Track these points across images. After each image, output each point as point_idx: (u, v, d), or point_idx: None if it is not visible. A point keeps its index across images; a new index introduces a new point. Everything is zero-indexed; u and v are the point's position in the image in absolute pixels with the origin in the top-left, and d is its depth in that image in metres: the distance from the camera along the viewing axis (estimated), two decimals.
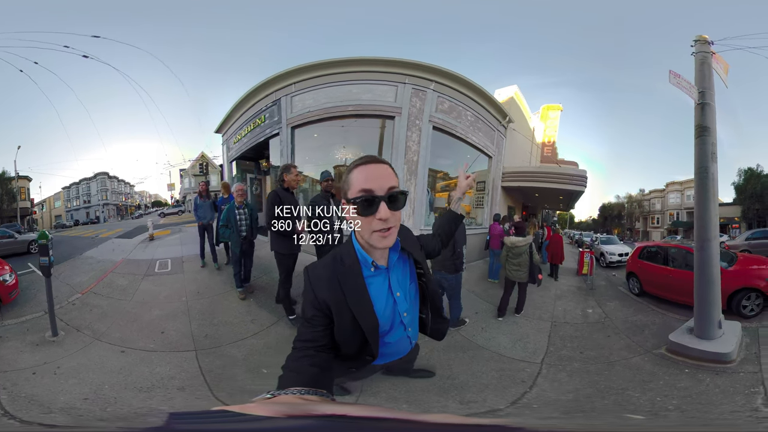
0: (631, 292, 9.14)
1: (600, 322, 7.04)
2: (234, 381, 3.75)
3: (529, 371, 4.90)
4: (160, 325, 5.03)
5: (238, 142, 13.35)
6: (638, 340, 5.96)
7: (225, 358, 4.16)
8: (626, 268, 9.94)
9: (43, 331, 4.79)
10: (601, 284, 10.28)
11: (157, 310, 5.52)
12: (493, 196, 13.31)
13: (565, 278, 10.82)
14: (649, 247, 10.09)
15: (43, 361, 3.97)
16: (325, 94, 9.83)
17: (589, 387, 4.46)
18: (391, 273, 1.51)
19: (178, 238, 11.52)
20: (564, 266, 11.68)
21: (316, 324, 1.39)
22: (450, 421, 0.76)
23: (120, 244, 11.25)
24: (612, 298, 8.91)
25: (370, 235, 1.34)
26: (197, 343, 4.46)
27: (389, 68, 9.27)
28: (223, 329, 4.92)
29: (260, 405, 0.86)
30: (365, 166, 1.36)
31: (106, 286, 6.68)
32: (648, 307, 7.88)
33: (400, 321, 1.54)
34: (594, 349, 5.70)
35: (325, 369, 1.30)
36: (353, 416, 0.81)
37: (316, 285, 1.42)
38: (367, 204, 1.29)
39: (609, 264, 14.46)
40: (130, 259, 8.89)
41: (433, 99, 9.54)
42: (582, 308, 7.80)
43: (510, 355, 5.46)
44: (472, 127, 10.82)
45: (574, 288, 9.58)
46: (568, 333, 6.37)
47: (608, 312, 7.70)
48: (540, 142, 22.12)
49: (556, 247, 11.52)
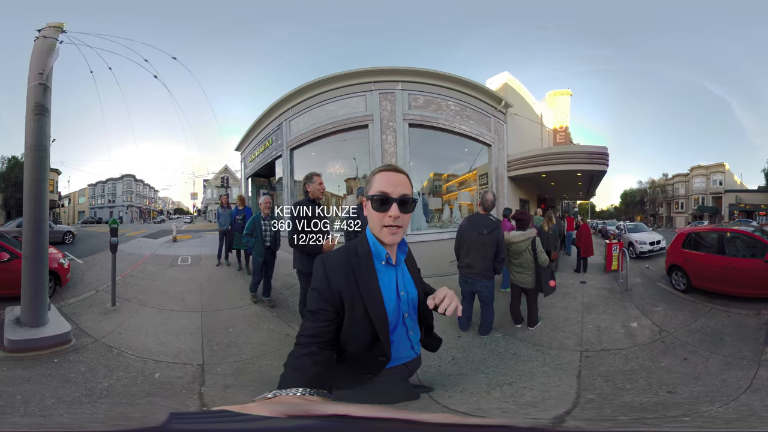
0: (676, 289, 7.47)
1: (658, 340, 5.02)
2: (215, 332, 4.96)
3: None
4: (182, 296, 6.56)
5: (253, 161, 14.84)
6: (729, 353, 4.40)
7: (216, 315, 5.62)
8: (666, 260, 8.34)
9: (104, 304, 5.80)
10: (635, 282, 8.19)
11: (180, 288, 7.10)
12: (499, 188, 11.59)
13: (591, 277, 8.78)
14: (696, 233, 8.08)
15: (118, 323, 5.03)
16: (312, 115, 10.56)
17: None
18: (398, 270, 1.53)
19: (198, 242, 13.40)
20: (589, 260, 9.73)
21: (321, 319, 1.36)
22: (450, 421, 0.78)
23: (146, 243, 12.88)
24: (656, 299, 6.97)
25: (381, 229, 1.41)
26: (204, 307, 5.99)
27: (355, 80, 9.50)
28: (220, 300, 6.35)
29: (261, 405, 0.86)
30: (387, 172, 1.46)
31: (139, 272, 8.11)
32: (704, 305, 6.37)
33: (402, 321, 1.53)
34: (678, 385, 3.75)
35: (327, 368, 1.27)
36: (354, 416, 0.78)
37: (331, 273, 1.42)
38: (382, 202, 1.39)
39: (639, 254, 12.38)
40: (156, 254, 10.39)
41: (404, 98, 9.33)
42: (622, 322, 5.74)
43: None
44: (458, 117, 10.16)
45: (604, 291, 7.52)
46: (615, 366, 4.28)
47: (660, 321, 5.73)
48: (551, 128, 20.14)
49: (586, 239, 9.65)
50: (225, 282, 7.51)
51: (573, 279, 8.60)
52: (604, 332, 5.30)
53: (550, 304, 6.45)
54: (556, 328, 5.47)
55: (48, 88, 4.71)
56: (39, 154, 4.53)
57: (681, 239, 8.10)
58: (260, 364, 4.03)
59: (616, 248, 9.33)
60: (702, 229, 8.50)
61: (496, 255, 4.81)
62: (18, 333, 4.27)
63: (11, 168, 33.55)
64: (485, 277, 4.83)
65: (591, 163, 10.97)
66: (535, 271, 5.05)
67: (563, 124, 22.25)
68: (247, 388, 3.58)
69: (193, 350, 4.37)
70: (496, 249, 4.79)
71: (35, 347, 4.17)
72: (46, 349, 4.19)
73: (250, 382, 3.65)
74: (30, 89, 4.62)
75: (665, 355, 4.54)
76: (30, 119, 4.51)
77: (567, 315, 6.05)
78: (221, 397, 3.34)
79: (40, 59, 4.69)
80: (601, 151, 11.04)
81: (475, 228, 4.88)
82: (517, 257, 5.19)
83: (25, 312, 4.42)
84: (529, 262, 5.07)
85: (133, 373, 3.73)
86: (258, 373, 3.82)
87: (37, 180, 4.50)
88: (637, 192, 61.62)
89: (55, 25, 4.86)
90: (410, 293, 1.56)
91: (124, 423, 1.19)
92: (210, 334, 4.82)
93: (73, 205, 44.70)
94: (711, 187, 49.84)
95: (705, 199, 50.02)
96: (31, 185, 4.48)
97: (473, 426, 0.80)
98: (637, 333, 5.30)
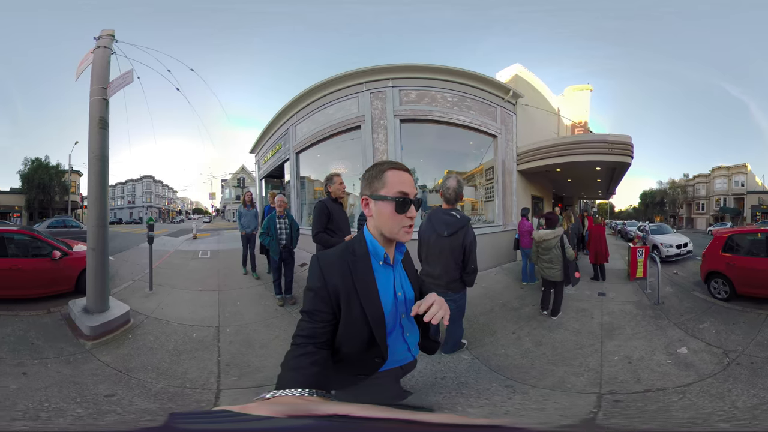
0: (716, 297, 6.34)
1: (731, 364, 3.67)
2: (226, 304, 5.98)
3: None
4: (202, 281, 7.52)
5: (266, 163, 15.49)
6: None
7: (228, 293, 6.60)
8: (703, 266, 6.99)
9: (143, 289, 6.53)
10: (666, 292, 6.68)
11: (201, 275, 8.11)
12: (506, 182, 10.20)
13: (613, 287, 7.26)
14: (738, 235, 6.66)
15: (158, 302, 5.88)
16: (313, 120, 10.78)
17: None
18: (395, 271, 1.46)
19: (216, 239, 15.11)
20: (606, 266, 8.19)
21: (316, 320, 1.29)
22: (450, 421, 0.73)
23: (169, 240, 14.30)
24: (697, 313, 5.58)
25: (399, 230, 1.35)
26: (219, 288, 6.97)
27: (348, 82, 9.40)
28: (231, 283, 7.35)
29: (260, 405, 0.84)
30: (400, 171, 1.38)
31: (166, 263, 9.17)
32: (756, 313, 5.41)
33: (399, 322, 1.44)
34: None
35: (325, 368, 1.22)
36: (354, 416, 0.74)
37: (328, 271, 1.35)
38: (404, 204, 1.33)
39: (665, 259, 10.81)
40: (179, 250, 11.85)
41: (395, 95, 8.95)
42: (665, 347, 4.25)
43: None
44: (456, 108, 9.34)
45: (630, 306, 5.98)
46: (675, 416, 2.96)
47: (716, 341, 4.41)
48: (569, 124, 18.52)
49: (598, 242, 8.06)
50: (235, 270, 8.29)
51: (590, 290, 7.09)
52: (642, 364, 3.84)
53: (557, 324, 5.12)
54: (559, 359, 4.08)
55: (108, 102, 5.02)
56: (103, 164, 4.96)
57: (720, 243, 6.70)
58: (254, 328, 5.04)
59: (642, 253, 7.85)
60: (745, 231, 6.97)
61: (464, 264, 3.58)
62: (92, 320, 4.63)
63: (35, 170, 32.78)
64: (451, 289, 3.64)
65: (612, 154, 9.31)
66: (563, 264, 5.31)
67: (582, 119, 20.54)
68: (243, 343, 4.52)
69: (212, 317, 5.38)
70: (462, 256, 3.56)
71: (109, 330, 4.63)
72: (116, 330, 4.71)
73: (244, 340, 4.62)
74: (93, 103, 4.92)
75: (754, 383, 3.29)
76: (94, 132, 4.90)
77: (579, 341, 4.58)
78: (228, 352, 4.26)
79: (102, 72, 4.98)
80: (624, 141, 9.29)
81: (435, 228, 3.69)
82: (546, 253, 5.44)
83: (92, 299, 4.87)
84: (558, 257, 5.33)
85: (181, 335, 4.71)
86: (250, 333, 4.85)
87: (100, 185, 4.99)
88: (657, 192, 58.89)
89: (109, 33, 5.08)
90: (407, 294, 1.48)
91: (125, 423, 1.21)
92: (223, 306, 5.89)
93: None
94: (733, 188, 47.62)
95: (726, 200, 47.61)
96: (96, 189, 4.96)
97: (474, 426, 0.73)
98: (694, 360, 3.87)
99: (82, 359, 3.94)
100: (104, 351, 4.16)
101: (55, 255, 5.76)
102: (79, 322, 4.66)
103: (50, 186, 33.22)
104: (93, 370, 3.70)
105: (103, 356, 4.02)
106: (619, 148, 9.18)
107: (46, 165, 33.63)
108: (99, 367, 3.79)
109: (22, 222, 29.86)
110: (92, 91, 4.91)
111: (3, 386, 3.24)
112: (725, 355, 3.96)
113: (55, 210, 32.15)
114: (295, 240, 6.18)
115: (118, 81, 5.02)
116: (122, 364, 3.87)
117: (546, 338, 4.64)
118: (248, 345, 4.44)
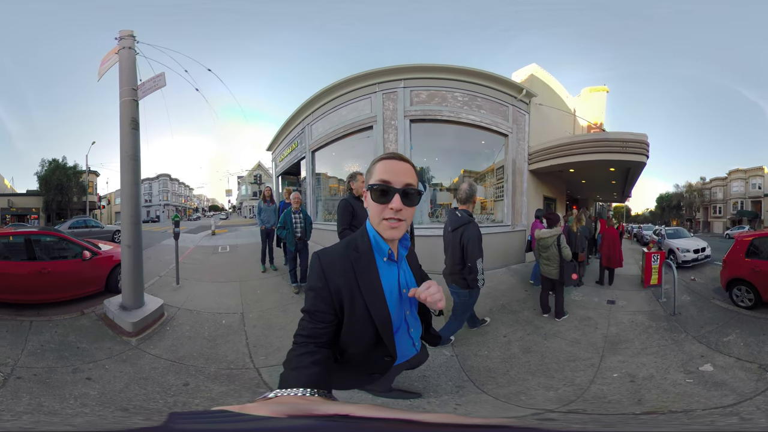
0: (739, 306, 5.94)
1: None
2: (248, 293, 6.36)
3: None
4: (224, 273, 7.94)
5: (282, 160, 15.96)
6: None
7: (248, 284, 6.96)
8: (724, 273, 6.58)
9: (170, 284, 6.74)
10: (683, 301, 6.28)
11: (222, 268, 8.52)
12: (516, 182, 9.87)
13: (624, 294, 6.82)
14: (762, 239, 6.24)
15: (186, 295, 6.12)
16: (329, 120, 11.00)
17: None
18: (400, 267, 1.40)
19: (234, 234, 15.71)
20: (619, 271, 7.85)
21: (316, 320, 1.26)
22: (451, 421, 0.70)
23: (188, 237, 14.66)
24: (720, 324, 5.18)
25: (380, 222, 1.28)
26: (240, 279, 7.32)
27: (362, 83, 9.50)
28: (251, 274, 7.72)
29: (261, 405, 0.82)
30: (389, 160, 1.32)
31: (188, 258, 9.51)
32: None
33: (404, 319, 1.42)
34: None
35: (327, 367, 1.19)
36: (355, 416, 0.73)
37: (329, 270, 1.29)
38: (383, 193, 1.25)
39: (682, 264, 10.29)
40: (199, 245, 12.23)
41: (406, 95, 9.01)
42: (683, 365, 3.82)
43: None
44: (466, 107, 9.22)
45: (641, 316, 5.57)
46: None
47: (747, 354, 4.04)
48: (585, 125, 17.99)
49: (610, 246, 7.71)
50: (253, 263, 8.48)
51: (598, 296, 6.69)
52: (648, 384, 3.41)
53: (555, 332, 4.80)
54: (542, 369, 3.79)
55: (138, 103, 5.05)
56: (135, 164, 5.01)
57: (743, 247, 6.29)
58: (274, 313, 5.38)
59: (657, 258, 7.42)
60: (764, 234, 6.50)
61: (462, 260, 3.85)
62: (131, 316, 4.68)
63: (52, 171, 31.99)
64: (454, 282, 4.03)
65: (627, 153, 8.84)
66: (559, 264, 5.35)
67: (598, 120, 19.97)
68: (265, 327, 4.87)
69: (236, 305, 5.72)
70: (461, 252, 3.86)
71: (148, 324, 4.71)
72: (154, 324, 4.81)
73: (266, 324, 4.96)
74: (123, 104, 4.95)
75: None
76: (126, 132, 4.94)
77: (575, 353, 4.22)
78: (253, 335, 4.60)
79: (130, 74, 5.00)
80: (639, 139, 8.80)
81: (448, 224, 4.21)
82: (545, 251, 5.55)
83: (129, 296, 4.91)
84: (555, 256, 5.40)
85: (212, 322, 4.99)
86: (271, 318, 5.19)
87: (134, 184, 5.02)
88: (673, 196, 57.29)
89: (129, 33, 5.04)
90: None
91: (124, 423, 1.01)
92: (245, 295, 6.26)
93: (111, 206, 44.85)
94: (750, 191, 46.22)
95: (744, 203, 46.22)
96: (130, 188, 5.01)
97: (474, 426, 0.71)
98: (726, 379, 3.45)
99: (134, 355, 4.01)
100: (150, 345, 4.26)
101: (86, 255, 5.72)
102: (119, 319, 4.69)
103: (68, 187, 32.53)
104: (150, 364, 3.80)
105: (152, 350, 4.13)
106: (633, 146, 8.72)
107: (63, 166, 32.93)
108: (153, 360, 3.89)
109: (40, 224, 29.50)
110: (122, 92, 4.97)
111: (82, 394, 3.15)
112: (764, 370, 3.58)
113: (73, 211, 31.53)
114: (308, 233, 6.60)
115: (150, 84, 5.05)
116: (172, 354, 4.02)
117: (538, 346, 4.37)
118: (269, 328, 4.83)
